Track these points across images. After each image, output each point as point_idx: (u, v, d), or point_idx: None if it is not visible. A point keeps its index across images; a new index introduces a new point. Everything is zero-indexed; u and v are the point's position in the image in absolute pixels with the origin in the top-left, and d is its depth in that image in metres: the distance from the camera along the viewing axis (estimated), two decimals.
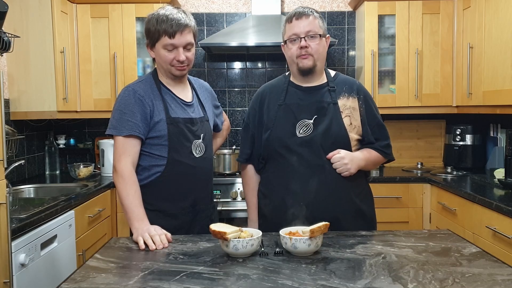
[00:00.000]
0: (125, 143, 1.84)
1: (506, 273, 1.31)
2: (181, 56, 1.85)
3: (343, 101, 1.92)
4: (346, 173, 1.84)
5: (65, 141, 3.71)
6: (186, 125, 1.91)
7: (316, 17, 1.88)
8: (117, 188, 1.82)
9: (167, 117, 1.88)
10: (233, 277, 1.31)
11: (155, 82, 1.93)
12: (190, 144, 1.91)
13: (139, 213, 1.76)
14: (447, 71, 3.40)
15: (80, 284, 1.28)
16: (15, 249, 1.87)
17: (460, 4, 3.27)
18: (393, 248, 1.55)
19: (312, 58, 1.87)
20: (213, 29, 3.76)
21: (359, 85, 1.98)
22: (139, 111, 1.84)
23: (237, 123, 3.84)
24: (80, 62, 3.37)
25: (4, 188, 1.76)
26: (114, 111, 1.88)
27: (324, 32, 1.90)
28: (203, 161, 1.96)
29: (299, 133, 1.88)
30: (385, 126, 2.00)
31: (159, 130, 1.87)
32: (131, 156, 1.84)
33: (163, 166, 1.88)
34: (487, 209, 2.37)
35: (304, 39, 1.84)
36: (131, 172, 1.83)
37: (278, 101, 1.95)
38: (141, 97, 1.86)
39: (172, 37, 1.82)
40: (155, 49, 1.89)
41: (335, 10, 3.81)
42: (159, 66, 1.93)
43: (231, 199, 3.23)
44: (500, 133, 3.31)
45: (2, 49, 1.89)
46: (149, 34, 1.87)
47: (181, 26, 1.82)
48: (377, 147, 1.95)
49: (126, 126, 1.83)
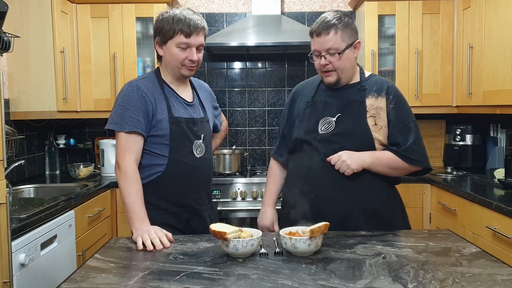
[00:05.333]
0: (129, 140, 1.83)
1: (506, 273, 1.31)
2: (194, 56, 1.87)
3: (371, 100, 1.88)
4: (348, 170, 1.80)
5: (65, 141, 3.70)
6: (187, 125, 1.91)
7: (337, 30, 1.81)
8: (120, 185, 1.81)
9: (170, 116, 1.88)
10: (233, 277, 1.31)
11: (158, 80, 1.94)
12: (191, 144, 1.92)
13: (140, 213, 1.76)
14: (447, 71, 3.40)
15: (80, 284, 1.28)
16: (15, 249, 1.87)
17: (460, 4, 3.27)
18: (393, 248, 1.55)
19: (336, 73, 1.86)
20: (213, 29, 3.76)
21: (390, 86, 1.93)
22: (141, 108, 1.84)
23: (237, 123, 3.84)
24: (80, 62, 3.37)
25: (4, 188, 1.76)
26: (117, 106, 1.86)
27: (349, 43, 1.84)
28: (203, 162, 1.97)
29: (321, 130, 1.88)
30: (416, 130, 1.91)
31: (161, 129, 1.87)
32: (135, 153, 1.84)
33: (164, 165, 1.88)
34: (487, 209, 2.37)
35: (324, 57, 1.83)
36: (135, 170, 1.82)
37: (308, 99, 1.98)
38: (145, 94, 1.86)
39: (188, 37, 1.84)
40: (166, 46, 1.89)
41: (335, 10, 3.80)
42: (166, 64, 1.93)
43: (231, 199, 3.23)
44: (500, 133, 3.31)
45: (2, 49, 1.89)
46: (161, 31, 1.87)
47: (198, 28, 1.85)
48: (394, 150, 1.86)
49: (128, 122, 1.82)
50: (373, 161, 1.84)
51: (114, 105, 1.88)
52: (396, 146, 1.87)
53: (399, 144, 1.86)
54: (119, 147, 1.84)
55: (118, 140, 1.85)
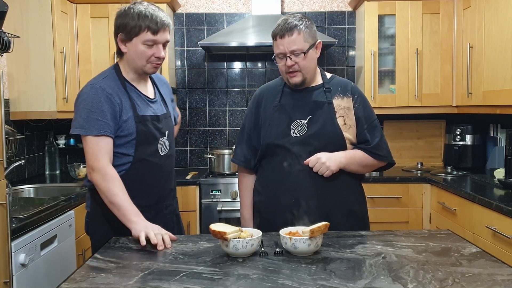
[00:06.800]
0: (99, 142, 1.77)
1: (506, 273, 1.31)
2: (161, 53, 1.83)
3: (338, 101, 1.92)
4: (327, 172, 1.82)
5: (65, 141, 3.70)
6: (153, 122, 1.88)
7: (300, 31, 1.82)
8: (102, 187, 1.75)
9: (135, 115, 1.83)
10: (233, 277, 1.31)
11: (119, 78, 1.88)
12: (156, 142, 1.88)
13: (133, 209, 1.72)
14: (447, 71, 3.41)
15: (80, 284, 1.28)
16: (15, 249, 1.87)
17: (460, 4, 3.28)
18: (393, 248, 1.55)
19: (301, 73, 1.87)
20: (213, 29, 3.76)
21: (353, 86, 1.98)
22: (108, 110, 1.78)
23: (237, 123, 3.84)
24: (80, 62, 3.37)
25: (4, 188, 1.76)
26: (80, 109, 1.79)
27: (311, 43, 1.86)
28: (167, 159, 1.95)
29: (294, 133, 1.89)
30: (380, 127, 1.96)
31: (127, 129, 1.82)
32: (108, 154, 1.78)
33: (128, 164, 1.84)
34: (487, 209, 2.37)
35: (290, 57, 1.84)
36: (113, 169, 1.77)
37: (274, 102, 1.96)
38: (110, 95, 1.80)
39: (156, 34, 1.80)
40: (130, 43, 1.83)
41: (335, 10, 3.81)
42: (129, 61, 1.86)
43: (231, 199, 3.23)
44: (500, 133, 3.31)
45: (2, 49, 1.89)
46: (126, 28, 1.81)
47: (165, 24, 1.82)
48: (364, 148, 1.91)
49: (95, 126, 1.76)
50: (348, 160, 1.88)
51: (77, 109, 1.81)
52: (365, 143, 1.92)
53: (368, 142, 1.92)
54: (90, 151, 1.77)
55: (87, 144, 1.78)
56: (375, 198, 3.16)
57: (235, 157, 2.06)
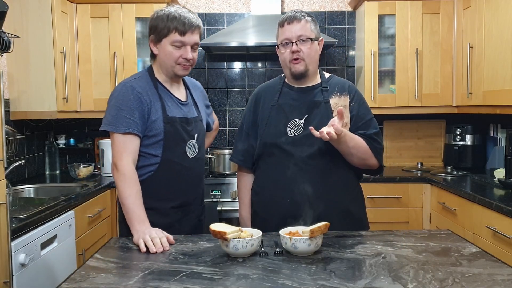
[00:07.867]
0: (125, 140, 1.80)
1: (506, 273, 1.31)
2: (188, 54, 1.86)
3: (335, 100, 1.92)
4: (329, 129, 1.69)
5: (65, 141, 3.70)
6: (182, 124, 1.89)
7: (308, 21, 1.88)
8: (118, 187, 1.79)
9: (164, 116, 1.86)
10: (233, 277, 1.31)
11: (152, 79, 1.91)
12: (185, 144, 1.90)
13: (140, 215, 1.73)
14: (447, 71, 3.41)
15: (80, 284, 1.28)
16: (15, 249, 1.87)
17: (460, 4, 3.28)
18: (393, 248, 1.55)
19: (304, 62, 1.88)
20: (213, 29, 3.76)
21: (351, 85, 1.99)
22: (137, 108, 1.81)
23: (237, 123, 3.84)
24: (80, 62, 3.37)
25: (4, 188, 1.76)
26: (111, 106, 1.83)
27: (316, 35, 1.90)
28: (196, 162, 1.95)
29: (290, 133, 1.89)
30: (377, 126, 1.93)
31: (156, 129, 1.84)
32: (132, 153, 1.81)
33: (156, 165, 1.86)
34: (487, 209, 2.37)
35: (296, 43, 1.85)
36: (133, 171, 1.80)
37: (272, 102, 1.97)
38: (139, 94, 1.83)
39: (183, 35, 1.83)
40: (160, 45, 1.87)
41: (335, 10, 3.81)
42: (160, 63, 1.91)
43: (231, 199, 3.23)
44: (500, 133, 3.31)
45: (2, 49, 1.89)
46: (156, 30, 1.86)
47: (193, 26, 1.85)
48: (363, 134, 1.87)
49: (123, 123, 1.79)
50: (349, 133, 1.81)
51: (108, 106, 1.85)
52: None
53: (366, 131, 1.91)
54: (115, 148, 1.81)
55: (113, 141, 1.82)
56: (375, 198, 3.16)
57: (234, 156, 2.07)
